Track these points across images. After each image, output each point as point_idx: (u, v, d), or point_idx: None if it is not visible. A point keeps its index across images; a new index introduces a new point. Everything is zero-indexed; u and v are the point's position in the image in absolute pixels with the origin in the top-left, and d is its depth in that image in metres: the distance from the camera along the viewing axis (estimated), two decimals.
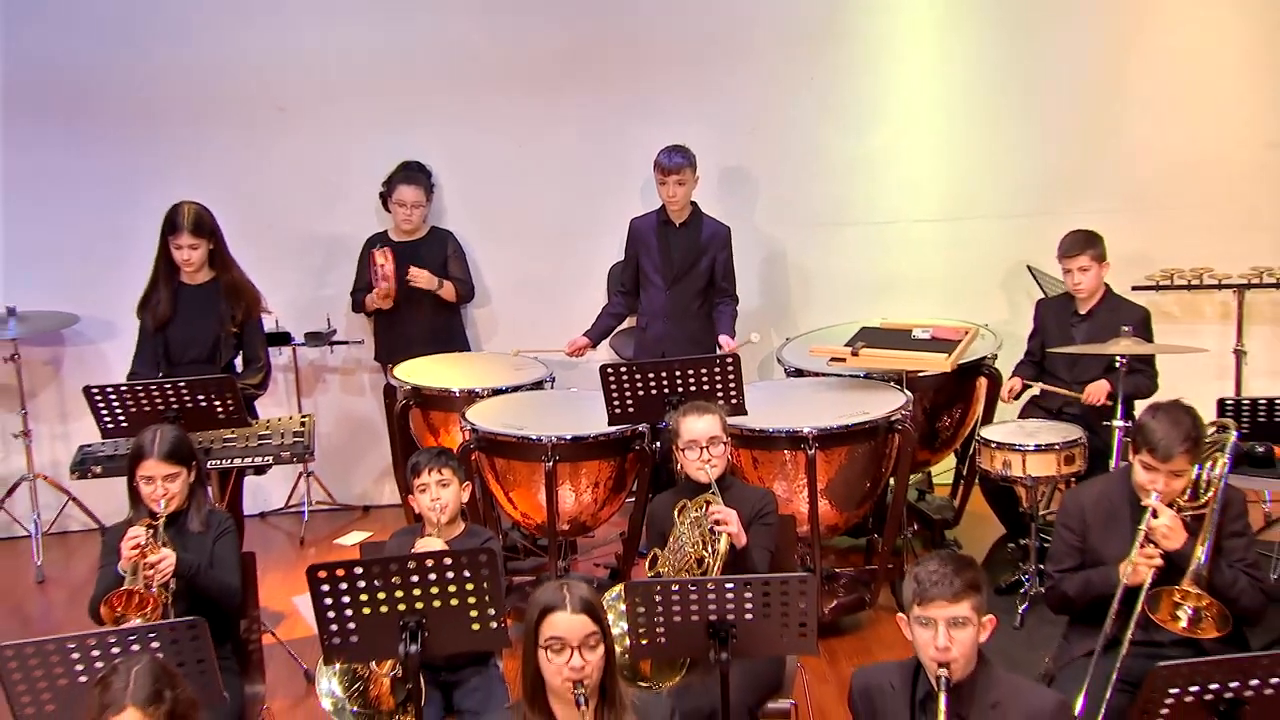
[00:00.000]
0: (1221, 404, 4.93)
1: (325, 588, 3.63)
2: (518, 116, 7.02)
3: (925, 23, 7.05)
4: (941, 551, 3.48)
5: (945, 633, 3.19)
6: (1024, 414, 6.13)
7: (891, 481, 5.73)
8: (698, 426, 4.44)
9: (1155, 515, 3.94)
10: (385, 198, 6.78)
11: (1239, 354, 6.71)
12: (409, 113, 6.99)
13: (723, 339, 6.31)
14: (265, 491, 7.10)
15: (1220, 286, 6.70)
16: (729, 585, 3.64)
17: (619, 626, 3.76)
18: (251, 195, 6.68)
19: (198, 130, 6.86)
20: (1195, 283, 6.70)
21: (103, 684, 3.15)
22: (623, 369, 5.36)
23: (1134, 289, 6.52)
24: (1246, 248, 6.77)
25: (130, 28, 6.77)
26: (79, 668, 3.53)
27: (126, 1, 6.77)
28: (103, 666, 3.38)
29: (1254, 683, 3.21)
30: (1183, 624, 3.88)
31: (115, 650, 3.49)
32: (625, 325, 6.80)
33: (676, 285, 6.38)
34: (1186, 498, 4.05)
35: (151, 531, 4.20)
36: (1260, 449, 5.35)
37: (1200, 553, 3.94)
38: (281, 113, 6.94)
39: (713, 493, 4.40)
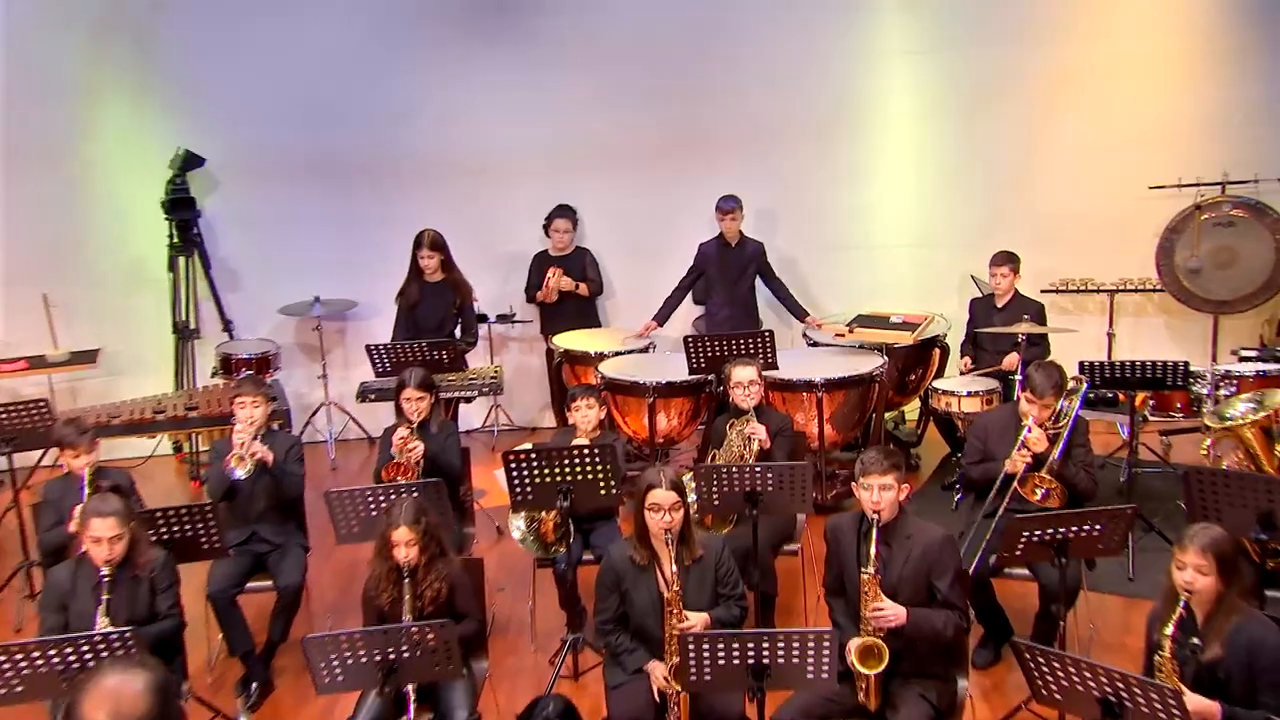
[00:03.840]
0: (1081, 364, 5.04)
1: (514, 465, 4.01)
2: (630, 176, 7.08)
3: (902, 116, 7.07)
4: (877, 445, 3.81)
5: (878, 493, 3.43)
6: (963, 374, 6.17)
7: (874, 415, 5.88)
8: (743, 372, 4.68)
9: (1030, 431, 4.17)
10: (546, 227, 6.92)
11: (1110, 336, 6.73)
12: (561, 173, 7.05)
13: (809, 319, 6.42)
14: (468, 416, 7.13)
15: (1099, 291, 6.73)
16: (757, 468, 3.95)
17: (692, 495, 4.02)
18: (461, 226, 6.65)
19: (426, 186, 7.04)
20: (1082, 288, 6.75)
21: (386, 511, 3.58)
22: (699, 338, 5.57)
23: (1042, 291, 6.56)
24: (1118, 265, 6.74)
25: (383, 121, 6.99)
26: (372, 506, 3.98)
27: (383, 104, 6.94)
28: (386, 506, 3.80)
29: (1074, 529, 3.52)
30: (1038, 498, 4.12)
31: (393, 497, 3.87)
32: (700, 313, 6.85)
33: (733, 286, 6.49)
34: (1051, 421, 4.24)
35: (410, 431, 4.56)
36: (1110, 395, 5.47)
37: (1055, 455, 4.17)
38: (480, 174, 7.07)
39: (750, 415, 4.66)
